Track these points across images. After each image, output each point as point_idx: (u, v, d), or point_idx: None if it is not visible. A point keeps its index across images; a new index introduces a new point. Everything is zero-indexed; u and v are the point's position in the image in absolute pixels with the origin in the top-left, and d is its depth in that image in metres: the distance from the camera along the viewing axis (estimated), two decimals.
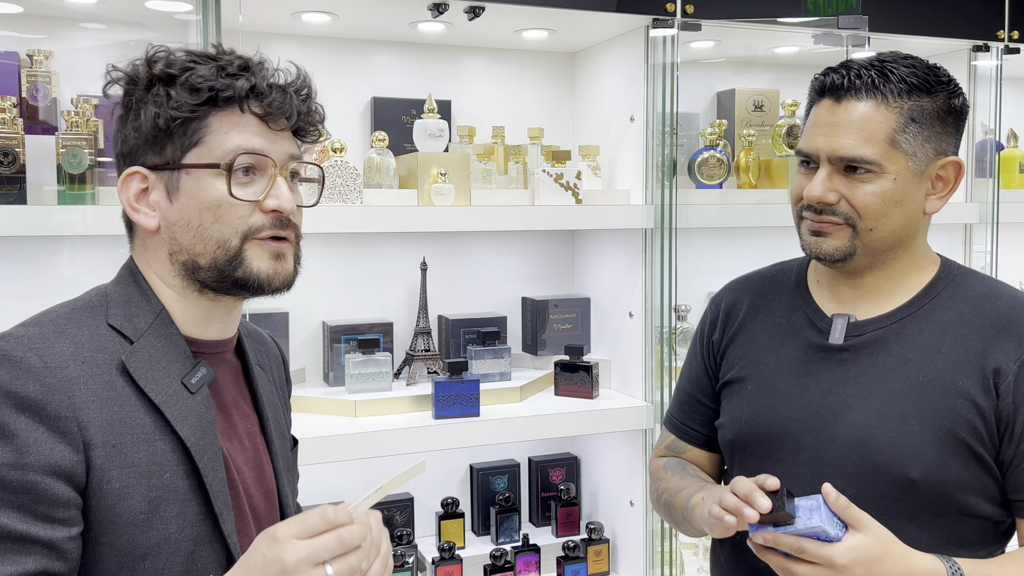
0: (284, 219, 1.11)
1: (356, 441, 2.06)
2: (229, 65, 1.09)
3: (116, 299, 1.10)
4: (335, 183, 2.09)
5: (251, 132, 1.09)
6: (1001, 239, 2.86)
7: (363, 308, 2.50)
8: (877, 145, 1.29)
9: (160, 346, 1.08)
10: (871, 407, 1.32)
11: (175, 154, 1.07)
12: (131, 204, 1.10)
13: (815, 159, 1.33)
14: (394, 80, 2.52)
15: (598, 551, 2.49)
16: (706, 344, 1.56)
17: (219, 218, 1.07)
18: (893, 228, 1.32)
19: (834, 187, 1.31)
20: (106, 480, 1.00)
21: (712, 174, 2.50)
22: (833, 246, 1.33)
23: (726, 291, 1.59)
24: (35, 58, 1.99)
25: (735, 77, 2.83)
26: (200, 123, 1.07)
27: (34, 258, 2.11)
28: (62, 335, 1.03)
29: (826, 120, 1.32)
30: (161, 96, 1.07)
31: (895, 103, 1.29)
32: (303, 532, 0.96)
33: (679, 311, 2.57)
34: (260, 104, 1.09)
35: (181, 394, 1.07)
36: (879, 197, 1.30)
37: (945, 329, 1.33)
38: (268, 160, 1.09)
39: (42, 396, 0.97)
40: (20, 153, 1.81)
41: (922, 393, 1.30)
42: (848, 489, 1.28)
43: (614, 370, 2.56)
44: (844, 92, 1.31)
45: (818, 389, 1.37)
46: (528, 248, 2.70)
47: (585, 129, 2.69)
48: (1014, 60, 2.82)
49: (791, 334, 1.43)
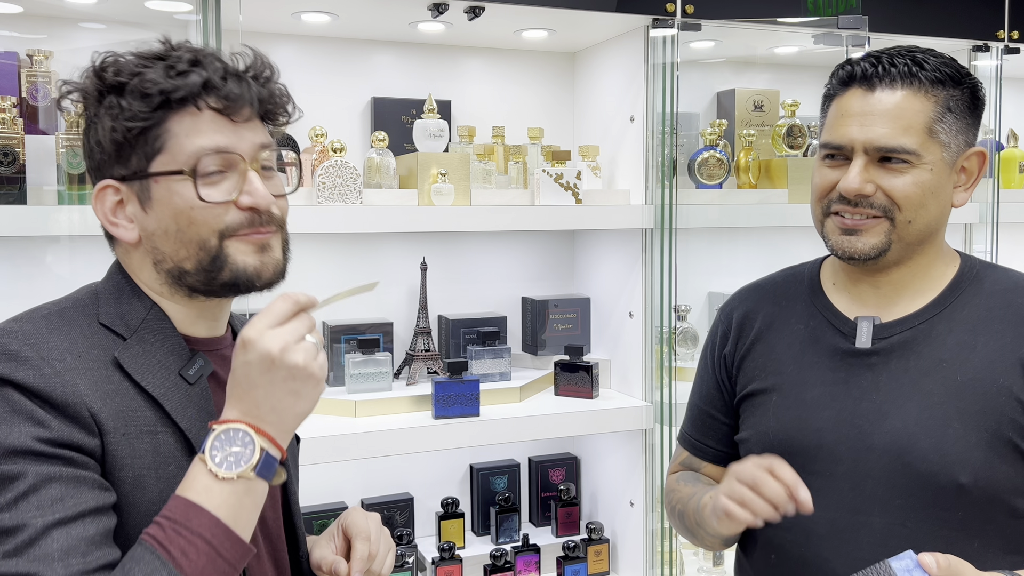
0: (263, 214, 1.07)
1: (356, 441, 2.06)
2: (178, 62, 1.03)
3: (107, 297, 1.08)
4: (335, 183, 2.09)
5: (212, 130, 1.04)
6: (1001, 239, 2.86)
7: (363, 308, 2.50)
8: (916, 134, 1.24)
9: (154, 341, 1.07)
10: (910, 412, 1.26)
11: (140, 163, 1.04)
12: (109, 219, 1.07)
13: (847, 150, 1.28)
14: (394, 80, 2.52)
15: (598, 551, 2.49)
16: (718, 357, 1.50)
17: (193, 221, 1.04)
18: (928, 220, 1.28)
19: (871, 178, 1.26)
20: (119, 468, 0.99)
21: (712, 174, 2.50)
22: (869, 244, 1.28)
23: (736, 300, 1.52)
24: (35, 58, 1.99)
25: (735, 77, 2.83)
26: (159, 129, 1.03)
27: (34, 258, 2.11)
28: (55, 331, 1.02)
29: (858, 109, 1.27)
30: (114, 107, 1.03)
31: (931, 92, 1.26)
32: (275, 320, 0.99)
33: (679, 311, 2.57)
34: (217, 98, 1.04)
35: (179, 386, 1.06)
36: (919, 187, 1.25)
37: (976, 327, 1.29)
38: (235, 156, 1.05)
39: (44, 385, 0.96)
40: (20, 153, 1.81)
41: (962, 394, 1.25)
42: (894, 500, 1.24)
43: (614, 370, 2.56)
44: (878, 80, 1.26)
45: (849, 397, 1.31)
46: (528, 248, 2.70)
47: (585, 129, 2.69)
48: (1014, 60, 2.82)
49: (812, 341, 1.37)
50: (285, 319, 0.99)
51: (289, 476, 1.21)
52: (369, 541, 1.18)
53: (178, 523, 0.93)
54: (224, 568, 0.95)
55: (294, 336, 0.98)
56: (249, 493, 0.97)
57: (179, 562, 0.91)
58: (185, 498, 0.95)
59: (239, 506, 0.96)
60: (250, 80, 1.07)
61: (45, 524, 0.90)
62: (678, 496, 1.47)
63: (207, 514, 0.94)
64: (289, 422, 1.00)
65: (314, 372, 0.99)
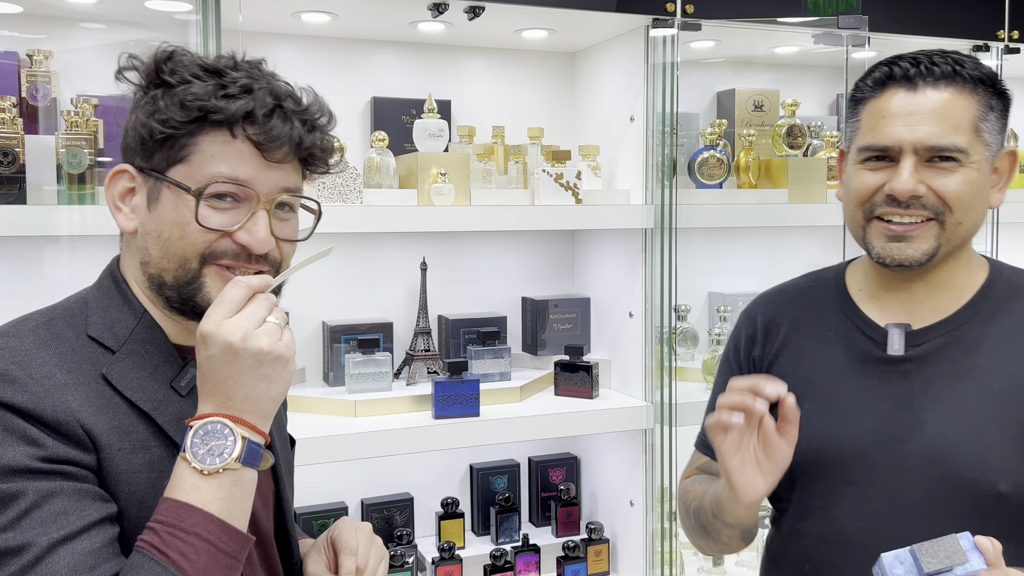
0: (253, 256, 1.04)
1: (356, 441, 2.06)
2: (232, 84, 1.02)
3: (96, 306, 1.06)
4: (335, 183, 2.09)
5: (239, 160, 1.02)
6: (1001, 239, 2.86)
7: (363, 308, 2.50)
8: (965, 133, 1.23)
9: (144, 352, 1.04)
10: (947, 419, 1.24)
11: (161, 164, 1.03)
12: (115, 203, 1.06)
13: (893, 152, 1.25)
14: (394, 80, 2.52)
15: (598, 551, 2.49)
16: (745, 360, 1.46)
17: (184, 236, 1.02)
18: (975, 221, 1.27)
19: (922, 179, 1.23)
20: (116, 484, 0.98)
21: (712, 174, 2.50)
22: (920, 250, 1.25)
23: (760, 304, 1.49)
24: (35, 58, 1.99)
25: (735, 77, 2.83)
26: (188, 139, 1.01)
27: (34, 258, 2.11)
28: (43, 346, 0.99)
29: (902, 109, 1.24)
30: (153, 104, 1.02)
31: (974, 91, 1.25)
32: (230, 308, 0.96)
33: (679, 311, 2.57)
34: (255, 131, 1.01)
35: (171, 398, 1.04)
36: (969, 187, 1.23)
37: (1011, 333, 1.28)
38: (252, 192, 1.03)
39: (34, 405, 0.94)
40: (20, 153, 1.80)
41: (999, 401, 1.23)
42: (932, 508, 1.23)
43: (614, 370, 2.56)
44: (921, 79, 1.24)
45: (884, 404, 1.29)
46: (528, 248, 2.70)
47: (585, 129, 2.69)
48: (1014, 60, 2.82)
49: (843, 348, 1.35)
50: (241, 305, 0.97)
51: (282, 482, 1.20)
52: (355, 556, 1.17)
53: (171, 525, 0.92)
54: (226, 562, 0.94)
55: (253, 321, 0.96)
56: (238, 483, 0.96)
57: (179, 564, 0.90)
58: (175, 499, 0.93)
59: (230, 498, 0.95)
60: (297, 122, 1.04)
61: (50, 542, 0.89)
62: (694, 494, 1.44)
63: (199, 511, 0.93)
64: (265, 407, 0.98)
65: (281, 353, 0.98)
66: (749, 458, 1.23)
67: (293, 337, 1.01)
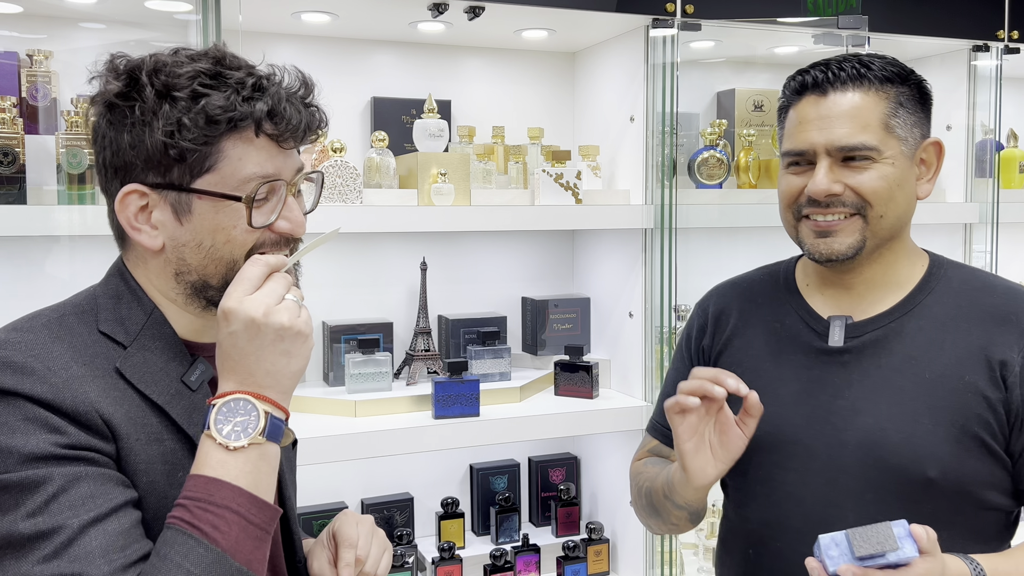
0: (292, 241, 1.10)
1: (356, 441, 2.06)
2: (242, 87, 1.02)
3: (106, 303, 1.07)
4: (335, 183, 2.09)
5: (263, 156, 1.04)
6: (1001, 239, 2.86)
7: (363, 308, 2.50)
8: (874, 131, 1.29)
9: (155, 347, 1.06)
10: (881, 409, 1.31)
11: (183, 177, 1.02)
12: (131, 224, 1.04)
13: (809, 155, 1.33)
14: (394, 80, 2.52)
15: (598, 551, 2.49)
16: (695, 349, 1.54)
17: (231, 240, 1.04)
18: (899, 213, 1.33)
19: (837, 178, 1.30)
20: (134, 473, 0.99)
21: (712, 174, 2.50)
22: (845, 244, 1.32)
23: (713, 296, 1.57)
24: (35, 58, 1.99)
25: (735, 77, 2.83)
26: (211, 148, 1.01)
27: (34, 258, 2.11)
28: (58, 340, 1.01)
29: (814, 115, 1.32)
30: (172, 122, 0.99)
31: (881, 90, 1.31)
32: (251, 285, 0.99)
33: (679, 311, 2.57)
34: (274, 126, 1.04)
35: (183, 393, 1.06)
36: (885, 181, 1.30)
37: (945, 325, 1.33)
38: (281, 182, 1.07)
39: (54, 396, 0.95)
40: (20, 153, 1.81)
41: (931, 391, 1.29)
42: (865, 494, 1.28)
43: (614, 370, 2.56)
44: (829, 85, 1.32)
45: (823, 394, 1.35)
46: (528, 248, 2.71)
47: (585, 129, 2.69)
48: (1014, 60, 2.82)
49: (788, 339, 1.41)
50: (260, 283, 1.00)
51: (285, 481, 1.21)
52: (355, 548, 1.18)
53: (202, 500, 0.93)
54: (256, 533, 0.95)
55: (274, 298, 0.99)
56: (263, 458, 0.98)
57: (212, 536, 0.92)
58: (203, 475, 0.95)
59: (256, 472, 0.97)
60: (301, 106, 1.07)
61: (81, 524, 0.91)
62: (646, 475, 1.50)
63: (228, 485, 0.95)
64: (286, 382, 1.01)
65: (301, 329, 1.00)
66: (704, 444, 1.31)
67: (311, 315, 1.04)
